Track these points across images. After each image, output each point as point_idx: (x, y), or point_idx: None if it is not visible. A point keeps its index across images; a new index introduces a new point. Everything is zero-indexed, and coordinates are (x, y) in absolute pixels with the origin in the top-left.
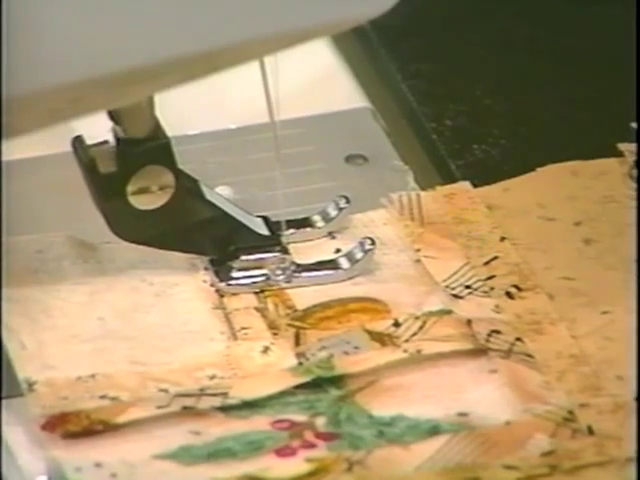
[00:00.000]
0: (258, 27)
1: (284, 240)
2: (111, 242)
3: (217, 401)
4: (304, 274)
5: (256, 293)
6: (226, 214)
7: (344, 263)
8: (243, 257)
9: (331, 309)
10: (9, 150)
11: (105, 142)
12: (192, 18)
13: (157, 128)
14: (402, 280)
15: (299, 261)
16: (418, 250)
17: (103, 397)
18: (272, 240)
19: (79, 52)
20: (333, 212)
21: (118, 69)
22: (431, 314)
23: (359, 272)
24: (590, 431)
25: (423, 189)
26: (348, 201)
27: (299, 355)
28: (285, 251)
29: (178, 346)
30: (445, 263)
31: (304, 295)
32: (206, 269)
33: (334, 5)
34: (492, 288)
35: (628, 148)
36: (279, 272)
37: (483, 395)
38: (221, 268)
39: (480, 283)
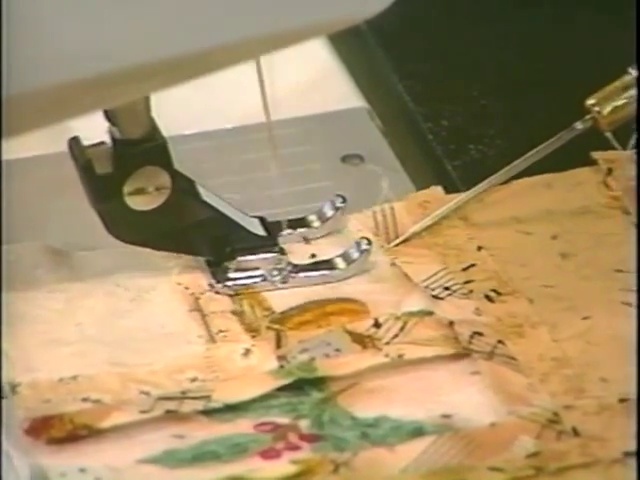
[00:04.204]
0: (254, 26)
1: (280, 240)
2: (85, 249)
3: (200, 405)
4: (300, 274)
5: (231, 296)
6: (222, 215)
7: (340, 263)
8: (239, 258)
9: (309, 312)
10: (7, 149)
11: (102, 143)
12: (189, 18)
13: (153, 129)
14: (380, 281)
15: (295, 261)
16: (395, 258)
17: (85, 400)
18: (268, 241)
19: (78, 52)
20: (329, 212)
21: (114, 69)
22: (412, 315)
23: (355, 272)
24: (575, 432)
25: (419, 189)
26: (344, 200)
27: (280, 358)
28: (281, 251)
29: (157, 349)
30: (422, 267)
31: (280, 297)
32: (180, 272)
33: (330, 5)
34: (471, 291)
35: (602, 156)
36: (275, 272)
37: (466, 397)
38: (217, 269)
39: (459, 286)
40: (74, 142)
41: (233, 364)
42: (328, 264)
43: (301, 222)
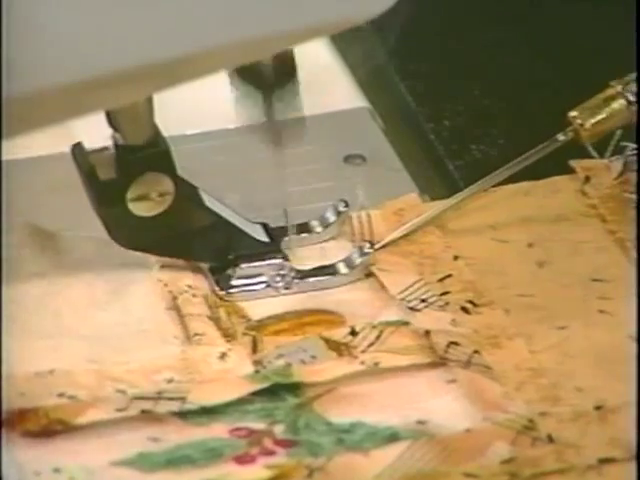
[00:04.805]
0: (257, 27)
1: (283, 246)
2: (69, 231)
3: (175, 405)
4: (303, 280)
5: (208, 304)
6: (225, 221)
7: (342, 268)
8: (243, 265)
9: (286, 322)
10: (9, 150)
11: (105, 148)
12: (191, 18)
13: (157, 135)
14: (356, 293)
15: (298, 267)
16: (371, 265)
17: (61, 395)
18: (271, 247)
19: (78, 53)
20: (332, 217)
21: (115, 70)
22: (388, 324)
23: (357, 277)
24: (550, 439)
25: (421, 189)
26: (347, 205)
27: (256, 363)
28: (284, 257)
29: (134, 346)
30: (399, 277)
31: (257, 306)
32: (161, 269)
33: (333, 5)
34: (447, 303)
35: (580, 165)
36: (278, 279)
37: (442, 404)
38: (221, 276)
39: (435, 298)
40: (77, 148)
41: (209, 367)
42: (330, 269)
43: (303, 228)
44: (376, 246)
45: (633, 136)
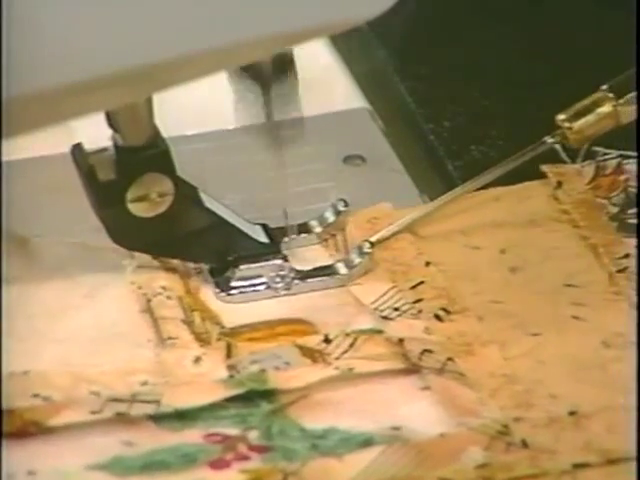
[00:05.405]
0: (256, 27)
1: (283, 247)
2: (41, 235)
3: (150, 408)
4: (303, 281)
5: (183, 306)
6: (225, 222)
7: (342, 269)
8: (242, 266)
9: (259, 331)
10: (9, 150)
11: (104, 149)
12: (190, 19)
13: (156, 136)
14: (329, 302)
15: (298, 267)
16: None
17: (36, 396)
18: (271, 248)
19: (78, 54)
20: (331, 217)
21: (115, 71)
22: (362, 332)
23: (357, 276)
24: (524, 444)
25: (420, 190)
26: (346, 204)
27: (230, 368)
28: (284, 258)
29: (107, 350)
30: (371, 286)
31: (231, 314)
32: (134, 271)
33: (332, 6)
34: (420, 311)
35: (552, 170)
36: (278, 280)
37: (416, 410)
38: (221, 278)
39: (408, 306)
40: (77, 148)
41: (184, 370)
42: (330, 269)
43: (302, 228)
44: (377, 236)
45: (604, 141)
